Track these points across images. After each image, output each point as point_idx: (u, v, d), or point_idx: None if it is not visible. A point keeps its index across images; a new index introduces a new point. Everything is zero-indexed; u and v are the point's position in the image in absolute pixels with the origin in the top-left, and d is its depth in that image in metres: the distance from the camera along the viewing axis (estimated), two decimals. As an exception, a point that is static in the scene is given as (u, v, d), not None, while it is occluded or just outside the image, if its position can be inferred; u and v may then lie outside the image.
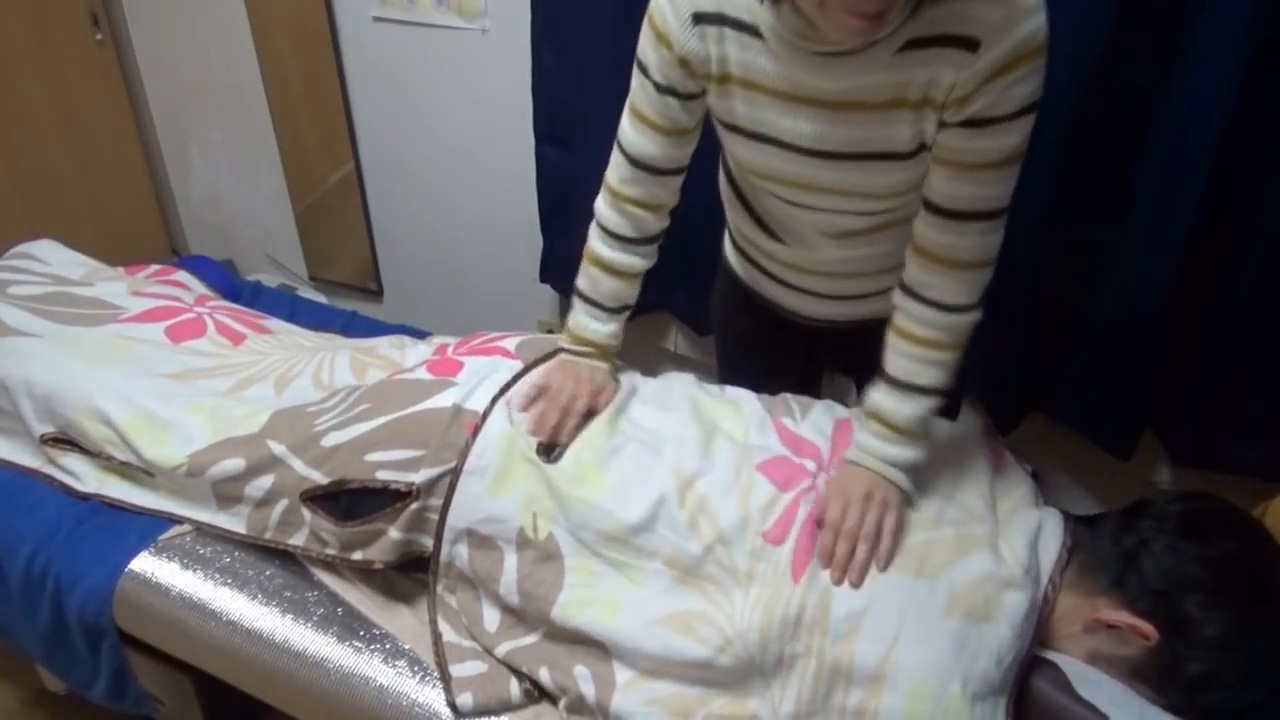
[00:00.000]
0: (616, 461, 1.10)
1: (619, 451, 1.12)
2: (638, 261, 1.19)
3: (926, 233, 0.99)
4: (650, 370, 1.34)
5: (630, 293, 1.22)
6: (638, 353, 1.34)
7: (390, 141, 2.13)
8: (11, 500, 1.32)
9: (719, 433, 1.15)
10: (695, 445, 1.11)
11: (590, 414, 1.17)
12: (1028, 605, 0.96)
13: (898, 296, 1.03)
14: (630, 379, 1.27)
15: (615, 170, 1.14)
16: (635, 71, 1.07)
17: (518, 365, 1.25)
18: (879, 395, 1.05)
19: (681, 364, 2.02)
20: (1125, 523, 1.02)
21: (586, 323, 1.22)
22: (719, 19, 0.96)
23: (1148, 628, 0.93)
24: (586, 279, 1.21)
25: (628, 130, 1.11)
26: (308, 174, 2.32)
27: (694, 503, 1.05)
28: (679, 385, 1.28)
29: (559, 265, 1.96)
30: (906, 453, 1.04)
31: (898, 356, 1.04)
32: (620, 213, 1.16)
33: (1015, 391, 1.64)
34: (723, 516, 1.03)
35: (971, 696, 0.89)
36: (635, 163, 1.12)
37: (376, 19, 1.96)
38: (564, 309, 2.12)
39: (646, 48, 1.04)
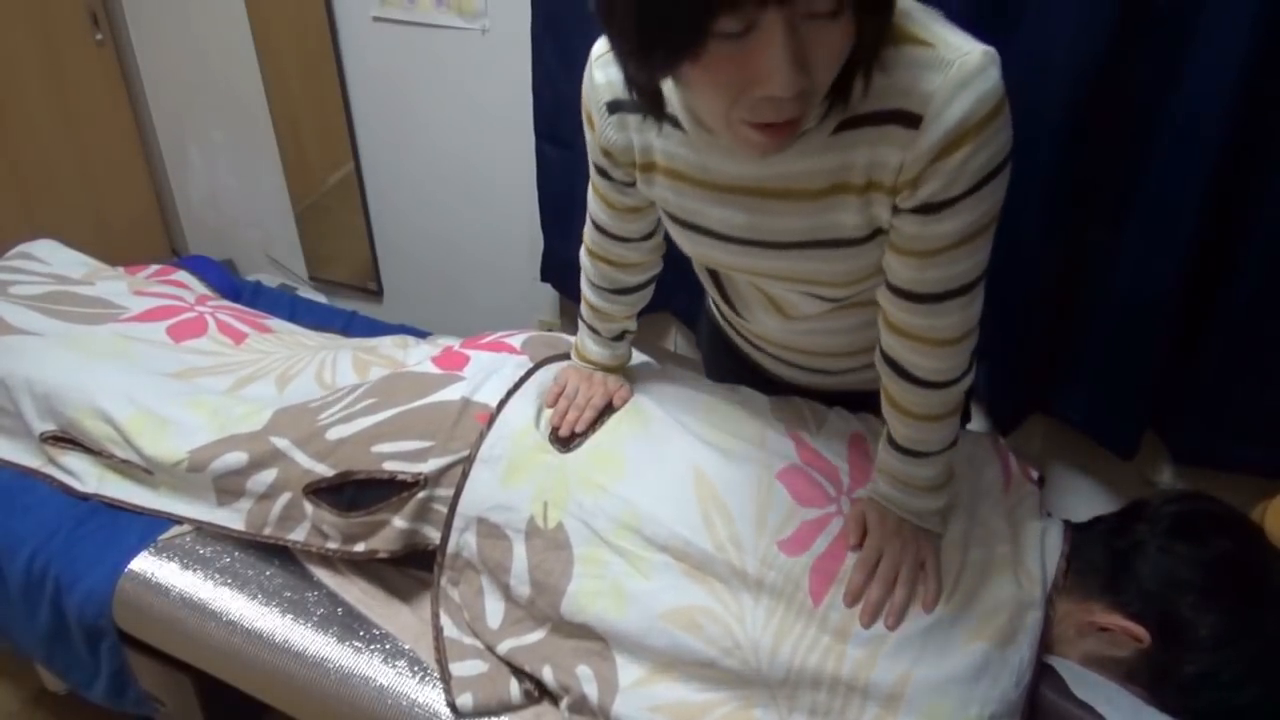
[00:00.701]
0: (633, 452, 1.10)
1: (636, 443, 1.12)
2: (621, 308, 1.19)
3: (896, 314, 0.89)
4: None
5: (624, 325, 1.22)
6: (638, 352, 1.34)
7: (390, 141, 2.13)
8: (11, 500, 1.32)
9: (738, 435, 1.13)
10: (714, 444, 1.11)
11: (607, 409, 1.18)
12: (1042, 622, 0.96)
13: (881, 365, 0.95)
14: (646, 375, 1.27)
15: (587, 227, 1.14)
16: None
17: (525, 360, 1.25)
18: (890, 458, 0.99)
19: (681, 364, 2.02)
20: (1119, 525, 1.02)
21: (590, 345, 1.23)
22: (638, 105, 0.87)
23: (1140, 630, 0.93)
24: (584, 308, 1.22)
25: (589, 192, 1.09)
26: (308, 174, 2.32)
27: (709, 499, 1.04)
28: (694, 385, 1.27)
29: (559, 265, 1.95)
30: (932, 503, 1.00)
31: (899, 425, 0.97)
32: (594, 265, 1.16)
33: (1017, 391, 1.64)
34: (739, 518, 1.02)
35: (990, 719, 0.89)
36: (596, 226, 1.11)
37: (376, 19, 1.95)
38: (564, 309, 2.13)
39: (584, 123, 0.98)
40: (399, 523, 1.14)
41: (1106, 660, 0.97)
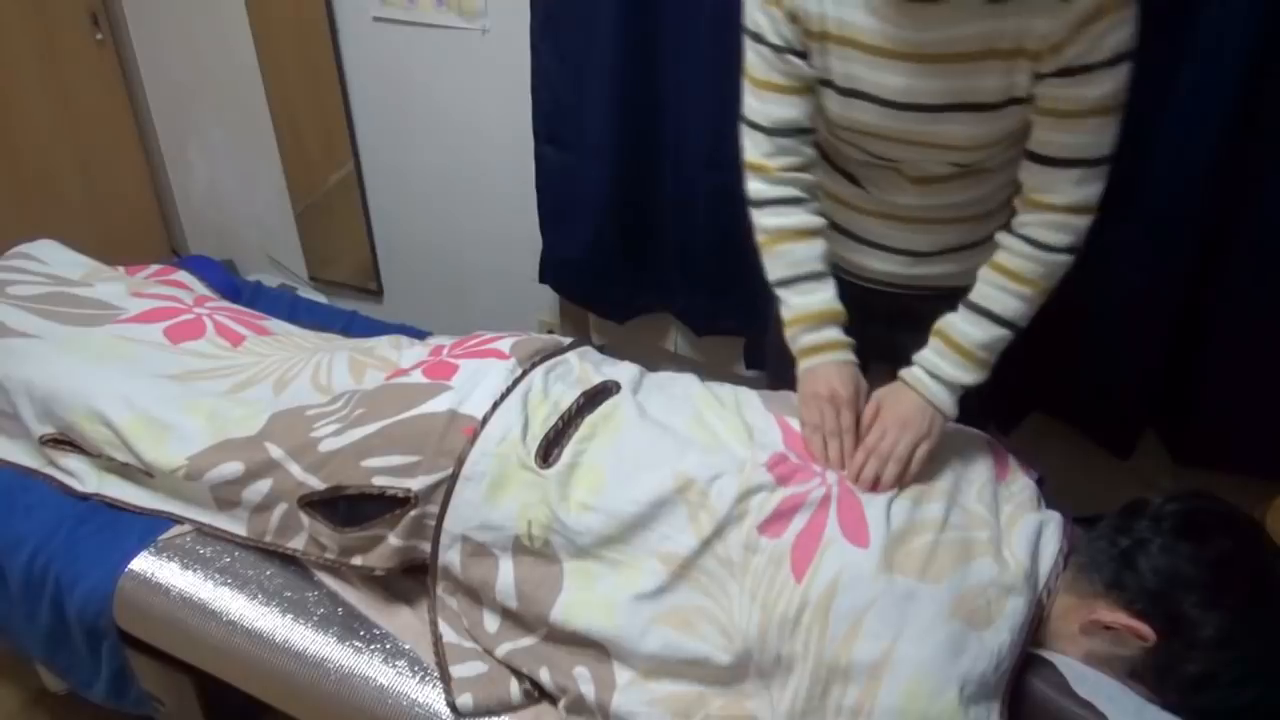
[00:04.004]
0: (614, 461, 1.10)
1: (614, 455, 1.11)
2: (817, 219, 1.15)
3: (1025, 178, 1.04)
4: (650, 370, 1.34)
5: (826, 249, 1.16)
6: (638, 353, 1.34)
7: (390, 141, 2.13)
8: (11, 500, 1.32)
9: (721, 430, 1.14)
10: (697, 445, 1.11)
11: (587, 408, 1.16)
12: (1026, 610, 0.96)
13: (1003, 236, 1.07)
14: (629, 377, 1.26)
15: (758, 149, 1.12)
16: (748, 43, 1.08)
17: (512, 366, 1.24)
18: (951, 315, 1.08)
19: (681, 364, 2.02)
20: (1122, 523, 1.02)
21: (804, 301, 1.14)
22: None
23: (1145, 629, 0.93)
24: (780, 260, 1.14)
25: (758, 106, 1.10)
26: (308, 174, 2.32)
27: (694, 498, 1.05)
28: (679, 385, 1.27)
29: (559, 265, 1.95)
30: (961, 373, 1.07)
31: (981, 283, 1.07)
32: (779, 183, 1.13)
33: (1017, 391, 1.64)
34: (720, 508, 1.03)
35: (967, 701, 0.89)
36: (777, 132, 1.11)
37: (376, 19, 1.95)
38: (564, 309, 2.13)
39: (755, 13, 1.06)
40: (394, 540, 1.14)
41: (1110, 658, 0.97)
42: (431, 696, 1.09)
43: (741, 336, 1.90)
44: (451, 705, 1.06)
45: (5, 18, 2.03)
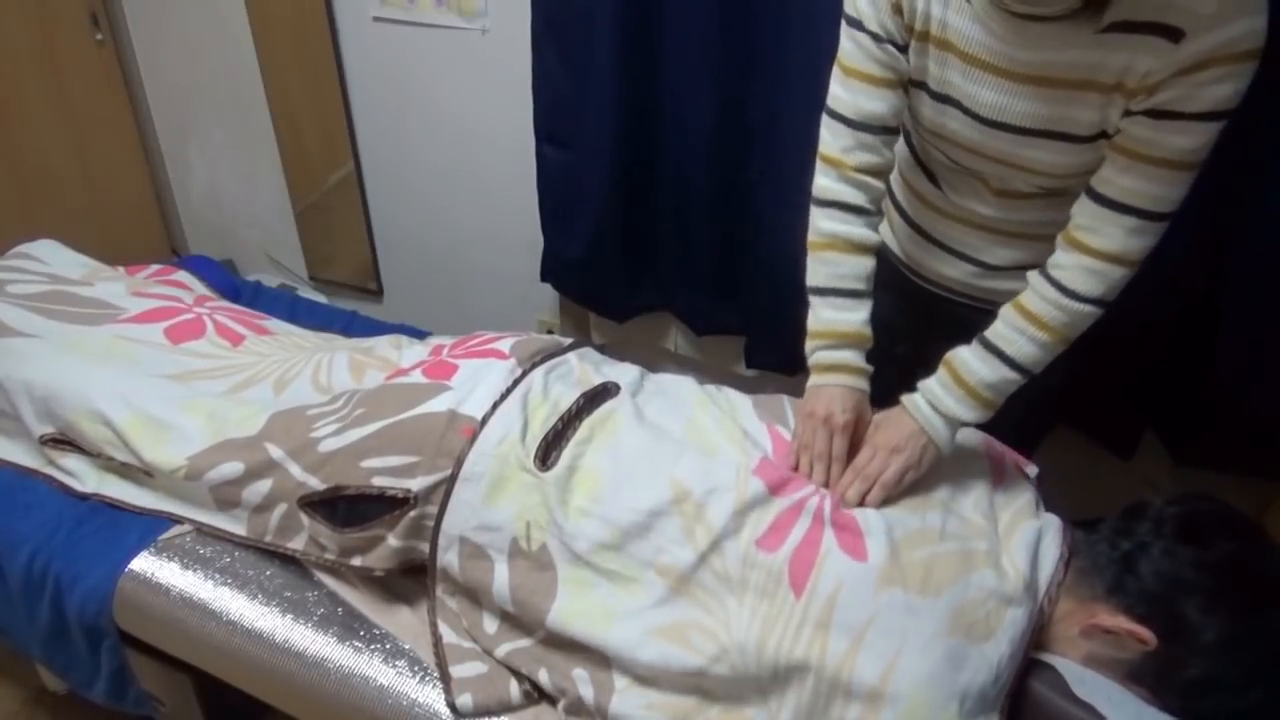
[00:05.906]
0: (612, 466, 1.10)
1: (614, 455, 1.11)
2: (873, 234, 1.11)
3: (1077, 214, 0.98)
4: (650, 370, 1.34)
5: (873, 268, 1.11)
6: (638, 352, 1.34)
7: (390, 141, 2.13)
8: (11, 500, 1.32)
9: (716, 437, 1.14)
10: (692, 450, 1.11)
11: (581, 414, 1.15)
12: (1026, 621, 0.96)
13: (1034, 277, 1.02)
14: (629, 379, 1.26)
15: (837, 141, 1.07)
16: (846, 31, 1.04)
17: (513, 366, 1.24)
18: (962, 348, 1.05)
19: (682, 364, 2.02)
20: (1123, 526, 1.02)
21: (833, 316, 1.10)
22: None
23: (1145, 633, 0.93)
24: (824, 267, 1.10)
25: (845, 96, 1.06)
26: (308, 174, 2.32)
27: (690, 510, 1.04)
28: (677, 387, 1.27)
29: (560, 265, 1.96)
30: (961, 410, 1.04)
31: (998, 321, 1.04)
32: (850, 183, 1.08)
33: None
34: (717, 522, 1.02)
35: (966, 715, 0.89)
36: (861, 126, 1.06)
37: (376, 19, 1.95)
38: (564, 308, 2.13)
39: (859, 1, 1.02)
40: (393, 541, 1.14)
41: (1110, 661, 0.97)
42: (431, 696, 1.09)
43: (742, 336, 1.90)
44: (451, 705, 1.06)
45: (5, 18, 2.03)
